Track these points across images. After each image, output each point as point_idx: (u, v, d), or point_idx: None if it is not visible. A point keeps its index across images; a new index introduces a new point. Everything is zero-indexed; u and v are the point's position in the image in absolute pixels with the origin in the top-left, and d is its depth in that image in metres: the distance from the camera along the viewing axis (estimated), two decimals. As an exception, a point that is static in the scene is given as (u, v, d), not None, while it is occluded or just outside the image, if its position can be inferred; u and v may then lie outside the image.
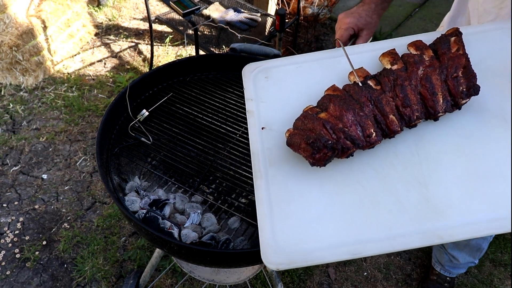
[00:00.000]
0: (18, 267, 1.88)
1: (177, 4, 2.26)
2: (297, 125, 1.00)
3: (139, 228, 1.08)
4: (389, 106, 0.98)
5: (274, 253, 0.87)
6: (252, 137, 1.07)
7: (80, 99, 2.66)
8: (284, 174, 0.99)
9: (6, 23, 2.53)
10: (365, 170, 0.97)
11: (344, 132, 0.95)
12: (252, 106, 1.14)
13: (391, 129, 0.97)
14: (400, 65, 1.06)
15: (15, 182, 2.20)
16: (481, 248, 1.75)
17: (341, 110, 0.97)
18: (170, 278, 1.89)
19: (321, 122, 0.96)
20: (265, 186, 0.98)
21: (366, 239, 0.86)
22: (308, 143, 0.93)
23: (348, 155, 0.95)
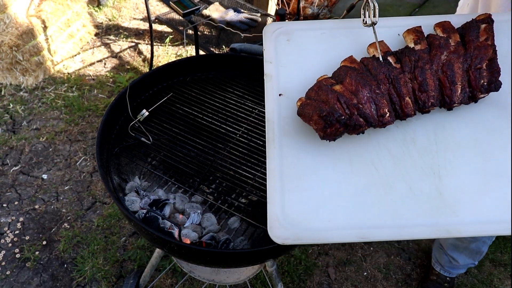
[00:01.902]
0: (18, 267, 1.88)
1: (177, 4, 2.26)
2: (310, 95, 0.95)
3: (139, 228, 1.08)
4: (406, 88, 0.95)
5: (281, 227, 0.85)
6: (268, 103, 1.01)
7: (80, 99, 2.66)
8: (299, 146, 0.95)
9: (6, 23, 2.53)
10: (380, 152, 0.94)
11: (358, 109, 0.91)
12: (271, 70, 1.07)
13: (405, 111, 0.94)
14: (424, 45, 1.01)
15: (15, 182, 2.20)
16: (481, 251, 1.75)
17: (357, 85, 0.93)
18: (170, 278, 1.89)
19: (336, 95, 0.92)
20: (278, 157, 0.94)
21: (375, 225, 0.85)
22: (320, 116, 0.89)
23: (359, 132, 0.93)
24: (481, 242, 1.69)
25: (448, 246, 1.79)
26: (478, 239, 1.68)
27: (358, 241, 0.84)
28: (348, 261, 2.01)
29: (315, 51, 1.10)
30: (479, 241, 1.69)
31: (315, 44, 1.12)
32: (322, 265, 1.99)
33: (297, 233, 0.84)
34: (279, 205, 0.88)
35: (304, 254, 2.01)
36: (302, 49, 1.11)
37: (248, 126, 1.31)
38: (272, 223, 0.86)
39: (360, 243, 2.08)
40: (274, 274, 1.46)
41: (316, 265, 1.98)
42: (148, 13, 2.53)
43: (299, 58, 1.10)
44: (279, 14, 2.17)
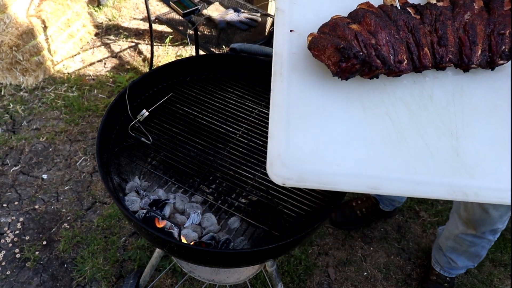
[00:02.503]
0: (18, 267, 1.88)
1: (177, 4, 2.26)
2: (324, 30, 0.90)
3: (139, 228, 1.08)
4: (425, 39, 0.91)
5: (283, 166, 0.77)
6: (278, 38, 0.96)
7: (80, 99, 2.66)
8: (308, 83, 0.89)
9: (6, 23, 2.53)
10: (396, 104, 0.89)
11: (376, 49, 0.86)
12: (283, 4, 1.01)
13: (422, 62, 0.90)
14: (447, 3, 0.98)
15: (15, 182, 2.20)
16: (480, 255, 1.75)
17: (376, 26, 0.88)
18: (170, 278, 1.89)
19: (353, 32, 0.87)
20: (285, 90, 0.87)
21: (388, 177, 0.79)
22: (337, 48, 0.83)
23: (373, 76, 0.88)
24: (480, 246, 1.69)
25: (447, 248, 1.79)
26: (478, 244, 1.68)
27: (368, 191, 0.77)
28: (348, 261, 2.01)
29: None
30: (478, 245, 1.69)
31: None
32: (322, 265, 1.99)
33: (300, 174, 0.77)
34: (282, 141, 0.81)
35: (304, 254, 2.01)
36: None
37: (248, 126, 1.31)
38: (273, 160, 0.78)
39: (360, 243, 2.08)
40: (274, 274, 1.46)
41: (316, 265, 1.98)
42: (148, 13, 2.53)
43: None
44: (279, 14, 2.17)
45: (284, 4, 1.02)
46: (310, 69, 0.92)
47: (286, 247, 1.13)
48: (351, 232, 2.11)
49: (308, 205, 1.14)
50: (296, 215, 1.12)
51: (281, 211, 1.12)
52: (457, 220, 1.67)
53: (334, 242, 2.07)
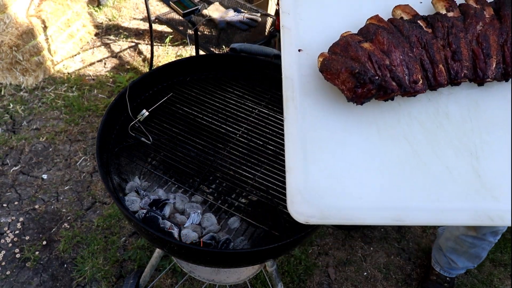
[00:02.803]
0: (18, 267, 1.88)
1: (177, 4, 2.26)
2: (335, 51, 0.86)
3: (139, 228, 1.08)
4: (439, 54, 0.87)
5: (304, 202, 0.74)
6: (286, 58, 0.93)
7: (80, 99, 2.66)
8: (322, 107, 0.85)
9: (6, 23, 2.53)
10: (412, 124, 0.86)
11: (390, 71, 0.82)
12: (288, 22, 0.98)
13: (437, 80, 0.86)
14: (457, 13, 0.94)
15: (15, 182, 2.20)
16: (480, 256, 1.75)
17: (390, 44, 0.85)
18: (170, 278, 1.89)
19: (367, 52, 0.83)
20: (299, 118, 0.83)
21: (411, 207, 0.76)
22: (352, 73, 0.80)
23: (389, 98, 0.84)
24: (480, 248, 1.69)
25: (447, 249, 1.79)
26: (478, 245, 1.68)
27: (394, 224, 0.75)
28: (348, 261, 2.01)
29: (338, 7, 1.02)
30: (479, 247, 1.68)
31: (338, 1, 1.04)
32: (322, 265, 1.99)
33: (323, 210, 0.74)
34: (301, 175, 0.77)
35: (304, 254, 2.01)
36: (324, 3, 1.03)
37: (248, 126, 1.31)
38: (293, 196, 0.75)
39: (360, 243, 2.08)
40: (274, 274, 1.46)
41: (316, 265, 1.98)
42: (148, 13, 2.53)
43: (320, 12, 1.01)
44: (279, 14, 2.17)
45: (289, 22, 0.99)
46: (322, 91, 0.88)
47: (286, 247, 1.13)
48: (351, 232, 2.11)
49: (308, 205, 1.14)
50: (296, 215, 1.12)
51: (281, 211, 1.12)
52: None
53: (334, 242, 2.07)
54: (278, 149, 1.25)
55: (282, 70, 0.91)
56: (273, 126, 1.31)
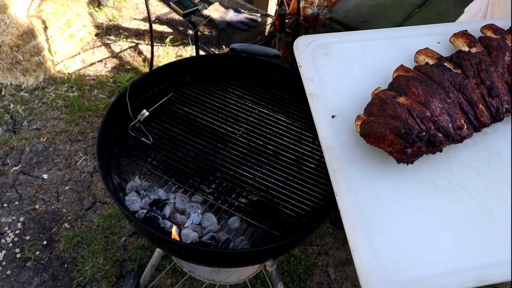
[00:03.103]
0: (18, 267, 1.89)
1: (177, 4, 2.26)
2: (371, 111, 0.83)
3: (139, 228, 1.08)
4: (476, 94, 0.84)
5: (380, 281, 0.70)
6: (321, 127, 0.90)
7: (81, 99, 2.66)
8: (370, 174, 0.82)
9: (6, 24, 2.53)
10: (466, 173, 0.82)
11: (434, 122, 0.79)
12: (315, 88, 0.96)
13: (481, 121, 0.83)
14: (480, 48, 0.92)
15: (16, 182, 2.20)
16: None
17: (426, 95, 0.81)
18: (171, 278, 1.89)
19: (406, 108, 0.79)
20: (351, 192, 0.80)
21: (491, 262, 0.72)
22: (398, 134, 0.76)
23: (437, 150, 0.81)
24: None
25: None
26: None
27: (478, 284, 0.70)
28: (348, 261, 2.01)
29: (360, 64, 1.00)
30: None
31: (358, 57, 1.02)
32: (322, 265, 1.99)
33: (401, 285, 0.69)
34: (368, 252, 0.73)
35: (304, 254, 2.01)
36: (345, 63, 1.01)
37: (248, 126, 1.32)
38: (368, 277, 0.70)
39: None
40: (274, 274, 1.46)
41: (316, 265, 1.98)
42: (149, 13, 2.53)
43: (344, 73, 0.99)
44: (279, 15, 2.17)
45: (315, 88, 0.96)
46: (367, 156, 0.85)
47: (286, 247, 1.13)
48: (351, 232, 2.11)
49: (308, 205, 1.14)
50: (296, 215, 1.12)
51: (281, 211, 1.13)
52: None
53: (334, 242, 2.08)
54: (278, 149, 1.25)
55: (320, 140, 0.88)
56: (273, 126, 1.31)
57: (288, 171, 1.20)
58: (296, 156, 1.23)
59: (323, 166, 1.22)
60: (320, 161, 1.23)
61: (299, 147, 1.25)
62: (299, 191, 1.16)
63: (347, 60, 1.02)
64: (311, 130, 1.29)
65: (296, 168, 1.21)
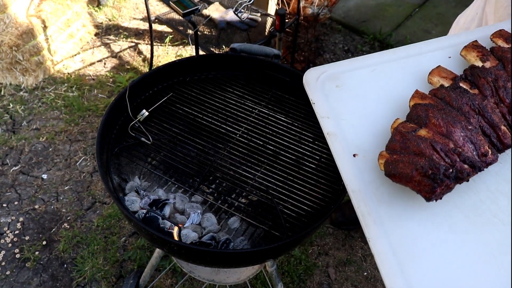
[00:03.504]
0: (18, 267, 1.88)
1: (177, 4, 2.26)
2: (394, 148, 0.81)
3: (139, 228, 1.08)
4: (496, 115, 0.82)
5: None
6: (344, 169, 0.87)
7: (80, 99, 2.66)
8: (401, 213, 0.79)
9: (6, 23, 2.53)
10: (496, 199, 0.79)
11: (459, 154, 0.76)
12: (332, 127, 0.93)
13: (504, 143, 0.80)
14: (494, 61, 0.89)
15: (15, 182, 2.20)
16: None
17: (447, 125, 0.79)
18: (170, 278, 1.89)
19: (429, 143, 0.77)
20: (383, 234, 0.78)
21: None
22: (426, 176, 0.74)
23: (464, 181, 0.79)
24: None
25: None
26: None
27: None
28: (348, 261, 2.01)
29: (373, 92, 0.97)
30: None
31: (370, 84, 0.99)
32: (322, 265, 1.99)
33: None
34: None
35: (304, 254, 2.01)
36: (358, 93, 0.98)
37: (248, 126, 1.31)
38: None
39: (360, 243, 2.08)
40: (274, 274, 1.46)
41: (316, 265, 1.98)
42: (148, 13, 2.52)
43: (359, 104, 0.96)
44: (279, 14, 2.17)
45: (332, 126, 0.93)
46: (394, 195, 0.82)
47: (286, 247, 1.13)
48: (351, 232, 2.11)
49: (308, 205, 1.14)
50: (296, 215, 1.12)
51: (281, 211, 1.12)
52: None
53: (334, 242, 2.07)
54: (278, 149, 1.25)
55: (345, 183, 0.86)
56: (273, 126, 1.30)
57: (288, 171, 1.20)
58: (296, 156, 1.23)
59: (323, 166, 1.22)
60: (320, 161, 1.23)
61: (299, 147, 1.24)
62: (299, 191, 1.16)
63: (360, 89, 0.99)
64: (311, 130, 1.29)
65: (296, 168, 1.21)
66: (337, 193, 1.16)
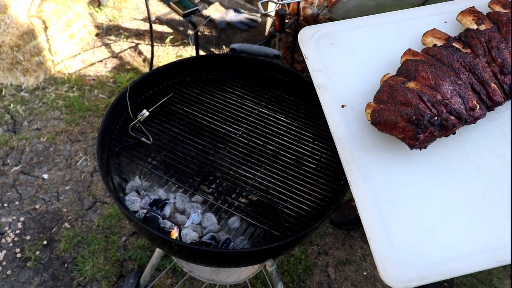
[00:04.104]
0: (19, 267, 1.89)
1: (177, 4, 2.26)
2: (381, 99, 0.82)
3: (139, 228, 1.08)
4: (487, 73, 0.82)
5: (397, 267, 0.69)
6: (331, 118, 0.88)
7: (81, 99, 2.67)
8: (384, 162, 0.80)
9: (7, 24, 2.54)
10: (482, 153, 0.80)
11: (446, 106, 0.77)
12: (322, 79, 0.94)
13: (493, 99, 0.81)
14: (489, 24, 0.89)
15: (16, 182, 2.21)
16: None
17: (436, 78, 0.80)
18: (171, 278, 1.89)
19: (416, 93, 0.78)
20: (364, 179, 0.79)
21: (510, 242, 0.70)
22: (409, 121, 0.75)
23: (450, 133, 0.79)
24: None
25: None
26: None
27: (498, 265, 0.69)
28: (348, 261, 2.01)
29: (366, 51, 0.98)
30: None
31: (364, 43, 1.00)
32: (322, 264, 1.99)
33: (420, 271, 0.68)
34: (385, 239, 0.73)
35: (304, 254, 2.01)
36: (351, 51, 0.99)
37: (248, 126, 1.32)
38: (385, 264, 0.70)
39: (360, 243, 2.08)
40: (274, 273, 1.46)
41: (316, 264, 1.99)
42: (149, 13, 2.53)
43: (351, 61, 0.97)
44: (279, 15, 2.17)
45: (323, 79, 0.95)
46: (379, 144, 0.83)
47: (286, 247, 1.13)
48: (351, 232, 2.12)
49: (308, 205, 1.14)
50: (296, 215, 1.13)
51: (281, 211, 1.13)
52: None
53: (334, 242, 2.08)
54: (278, 149, 1.25)
55: (331, 131, 0.87)
56: (273, 126, 1.31)
57: (288, 171, 1.20)
58: (296, 156, 1.23)
59: (323, 166, 1.22)
60: (320, 161, 1.23)
61: (299, 147, 1.25)
62: (299, 191, 1.16)
63: (353, 48, 1.00)
64: (311, 130, 1.29)
65: (296, 168, 1.21)
66: (337, 193, 1.16)
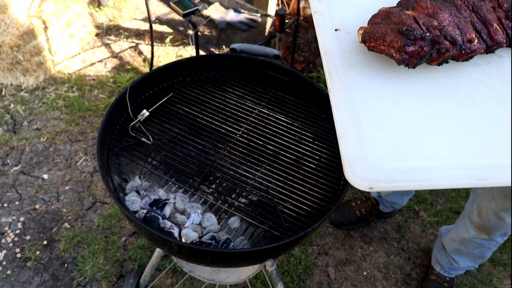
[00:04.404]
0: (19, 267, 1.89)
1: (177, 4, 2.26)
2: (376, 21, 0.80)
3: (139, 228, 1.08)
4: (490, 15, 0.80)
5: (366, 167, 0.66)
6: (323, 38, 0.87)
7: (81, 99, 2.67)
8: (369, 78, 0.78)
9: (7, 24, 2.54)
10: (476, 87, 0.78)
11: (441, 30, 0.75)
12: (321, 7, 0.93)
13: (494, 39, 0.79)
14: None
15: (16, 182, 2.21)
16: (484, 256, 1.74)
17: (434, 8, 0.78)
18: (171, 278, 1.90)
19: (411, 16, 0.76)
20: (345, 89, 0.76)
21: (491, 164, 0.67)
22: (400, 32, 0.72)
23: (442, 61, 0.76)
24: (486, 248, 1.68)
25: (450, 248, 1.79)
26: (485, 246, 1.67)
27: (475, 183, 0.65)
28: (348, 261, 2.01)
29: None
30: (485, 247, 1.68)
31: None
32: (322, 264, 1.99)
33: (390, 173, 0.65)
34: (356, 140, 0.69)
35: (304, 253, 2.01)
36: None
37: (248, 126, 1.32)
38: (352, 161, 0.66)
39: (360, 243, 2.08)
40: (274, 273, 1.46)
41: (316, 264, 1.99)
42: (149, 13, 2.53)
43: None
44: (279, 15, 2.17)
45: (321, 6, 0.94)
46: (366, 63, 0.81)
47: (286, 247, 1.13)
48: (350, 232, 2.12)
49: (308, 205, 1.14)
50: (296, 215, 1.13)
51: (281, 211, 1.13)
52: (468, 225, 1.65)
53: (334, 242, 2.08)
54: (278, 149, 1.25)
55: (320, 49, 0.85)
56: (273, 126, 1.31)
57: (288, 171, 1.20)
58: (296, 156, 1.23)
59: (323, 166, 1.22)
60: (320, 161, 1.23)
61: (299, 147, 1.25)
62: (299, 191, 1.16)
63: None
64: (311, 130, 1.29)
65: (296, 168, 1.21)
66: (337, 193, 1.17)
